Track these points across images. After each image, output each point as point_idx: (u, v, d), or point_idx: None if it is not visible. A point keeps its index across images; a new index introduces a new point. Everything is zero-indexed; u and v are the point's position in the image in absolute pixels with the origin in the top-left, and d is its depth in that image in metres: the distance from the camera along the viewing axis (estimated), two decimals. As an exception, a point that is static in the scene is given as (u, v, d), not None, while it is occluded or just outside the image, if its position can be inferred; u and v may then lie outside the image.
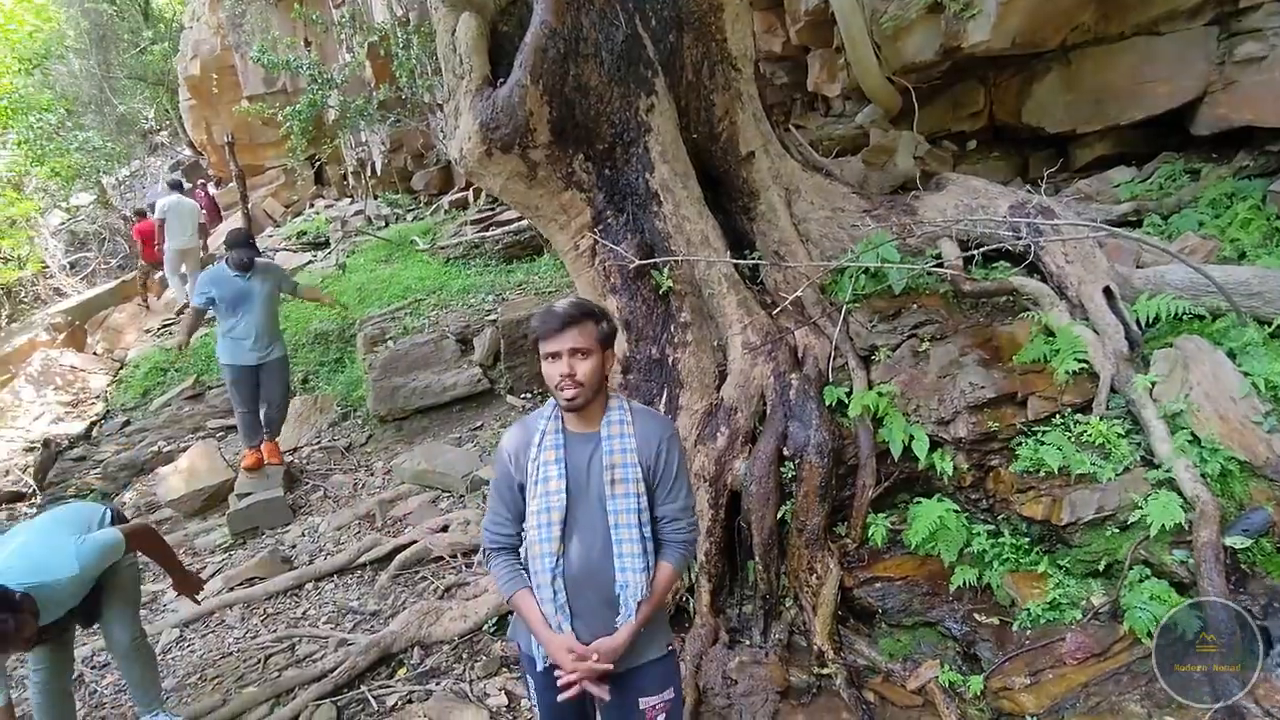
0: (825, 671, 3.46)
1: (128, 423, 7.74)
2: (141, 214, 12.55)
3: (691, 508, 2.15)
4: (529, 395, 6.66)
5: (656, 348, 4.14)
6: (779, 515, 3.73)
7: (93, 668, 4.13)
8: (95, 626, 3.28)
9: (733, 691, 3.39)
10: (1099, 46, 5.49)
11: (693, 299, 4.19)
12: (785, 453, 3.80)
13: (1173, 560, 3.16)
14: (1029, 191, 4.74)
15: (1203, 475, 3.25)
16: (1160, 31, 5.23)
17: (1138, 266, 4.25)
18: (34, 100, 15.02)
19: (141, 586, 4.75)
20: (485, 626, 3.94)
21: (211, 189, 14.48)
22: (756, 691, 3.36)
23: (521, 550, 2.15)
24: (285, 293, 6.05)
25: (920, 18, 5.68)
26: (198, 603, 3.70)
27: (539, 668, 2.13)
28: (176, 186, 11.00)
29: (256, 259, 5.77)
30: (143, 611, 4.68)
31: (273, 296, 5.81)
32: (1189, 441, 3.36)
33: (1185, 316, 3.81)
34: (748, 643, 3.70)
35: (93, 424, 7.87)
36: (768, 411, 3.91)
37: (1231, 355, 3.53)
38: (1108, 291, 3.93)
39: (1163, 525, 3.12)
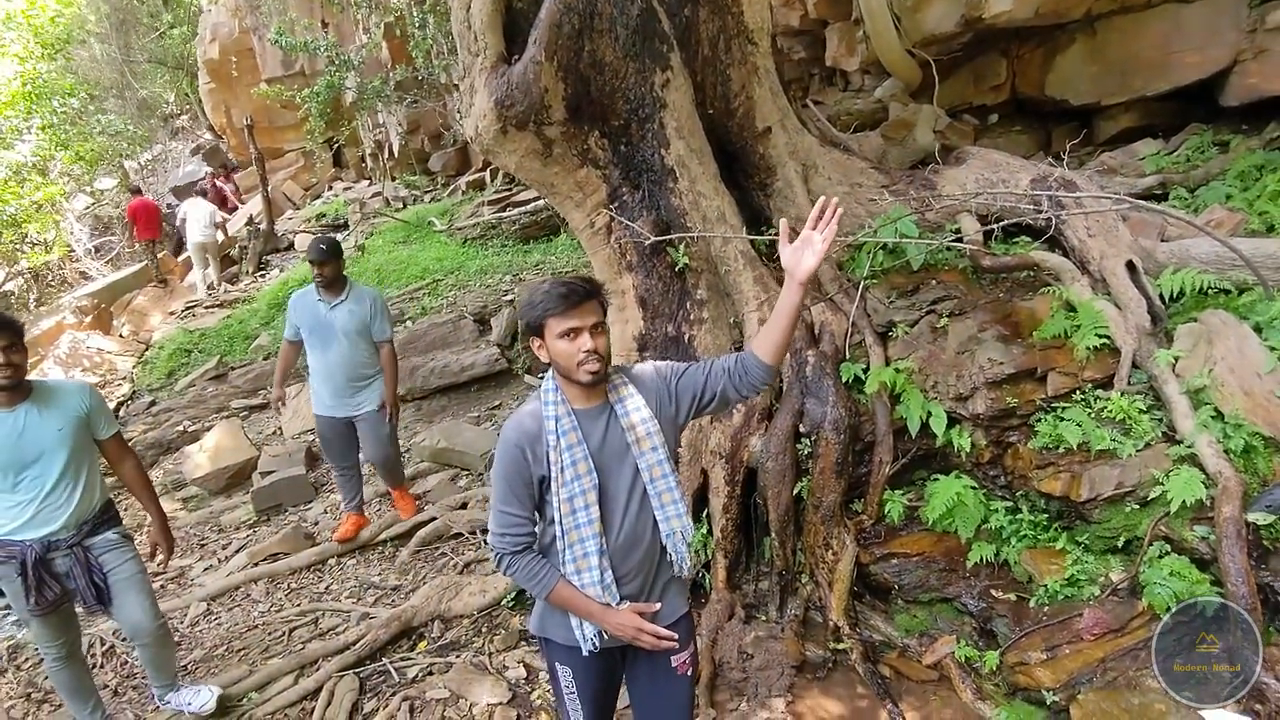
0: (841, 647, 3.48)
1: (154, 403, 7.88)
2: (136, 191, 12.83)
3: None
4: (543, 374, 6.70)
5: (673, 325, 4.14)
6: (795, 492, 3.74)
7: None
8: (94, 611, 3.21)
9: (748, 665, 3.41)
10: (1125, 15, 5.37)
11: (709, 276, 4.18)
12: (801, 429, 3.79)
13: (1193, 536, 3.13)
14: (1051, 165, 4.66)
15: (1226, 451, 3.21)
16: (1189, -1, 5.10)
17: (1162, 240, 4.17)
18: (57, 85, 15.14)
19: (174, 561, 4.88)
20: (504, 601, 3.99)
21: (220, 181, 14.63)
22: (772, 666, 3.39)
23: (539, 545, 2.10)
24: (375, 337, 4.51)
25: (941, -12, 5.58)
26: (166, 562, 3.58)
27: (585, 652, 2.09)
28: (202, 193, 13.34)
29: (351, 281, 4.50)
30: (171, 586, 4.82)
31: (362, 332, 4.42)
32: (1212, 417, 3.32)
33: (1210, 291, 3.75)
34: (763, 618, 3.73)
35: (120, 405, 8.00)
36: (784, 388, 3.91)
37: (1258, 330, 3.47)
38: (1130, 266, 3.87)
39: (1184, 501, 3.09)
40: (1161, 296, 3.82)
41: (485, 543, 4.56)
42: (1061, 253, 4.08)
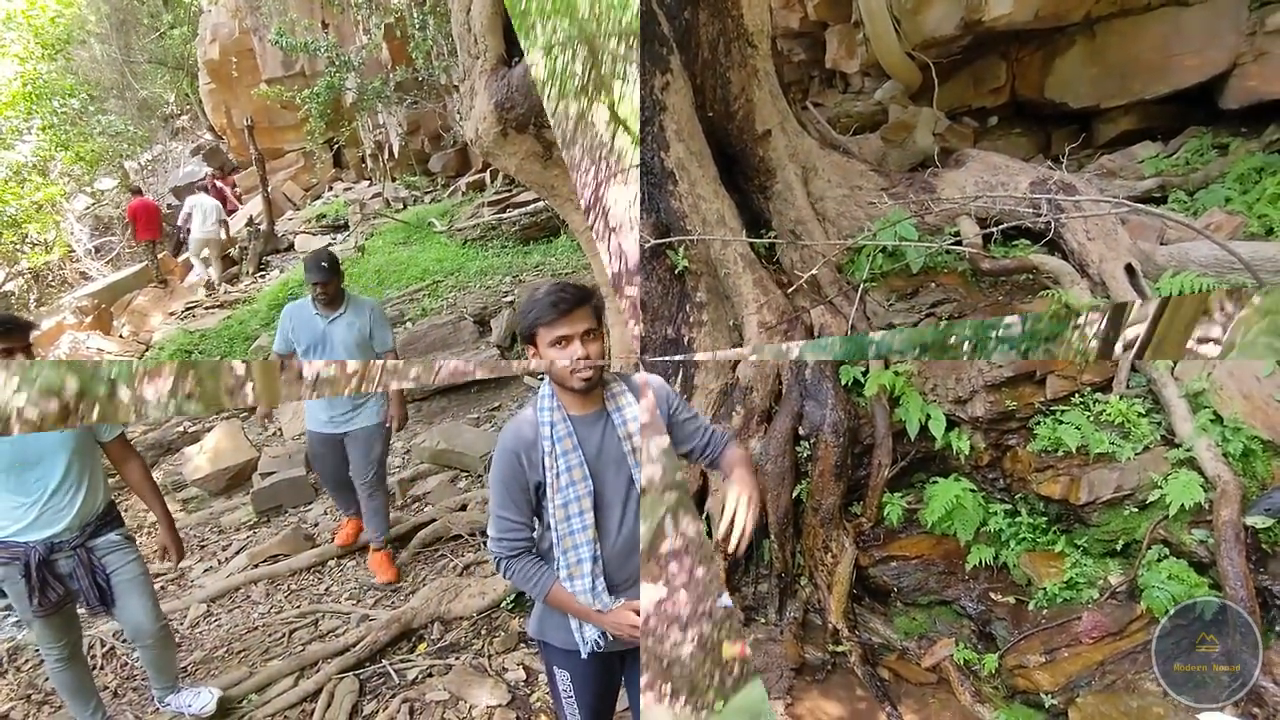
0: (840, 649, 3.48)
1: (154, 404, 7.87)
2: (136, 191, 12.88)
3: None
4: (544, 376, 6.71)
5: (672, 328, 4.14)
6: (794, 494, 3.74)
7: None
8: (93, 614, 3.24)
9: (748, 668, 3.42)
10: (1125, 18, 5.38)
11: (708, 278, 4.18)
12: (801, 432, 3.80)
13: (1192, 540, 3.14)
14: (1050, 168, 4.67)
15: (1224, 454, 3.21)
16: (1188, 2, 5.11)
17: (1161, 243, 4.18)
18: (57, 85, 15.20)
19: (184, 562, 4.88)
20: (503, 603, 4.00)
21: (219, 183, 14.68)
22: (771, 668, 3.39)
23: (538, 549, 2.12)
24: (376, 348, 4.33)
25: (941, -9, 5.59)
26: (176, 564, 3.53)
27: (584, 655, 2.09)
28: (204, 189, 13.49)
29: (348, 293, 4.32)
30: (171, 587, 4.82)
31: (362, 345, 4.25)
32: (1211, 420, 3.32)
33: (1209, 294, 3.75)
34: (763, 620, 3.73)
35: (120, 405, 8.00)
36: (783, 391, 3.91)
37: (1256, 333, 3.47)
38: (1129, 269, 3.87)
39: (1182, 505, 3.10)
40: (1160, 300, 3.83)
41: (485, 545, 4.57)
42: (1061, 256, 4.08)
